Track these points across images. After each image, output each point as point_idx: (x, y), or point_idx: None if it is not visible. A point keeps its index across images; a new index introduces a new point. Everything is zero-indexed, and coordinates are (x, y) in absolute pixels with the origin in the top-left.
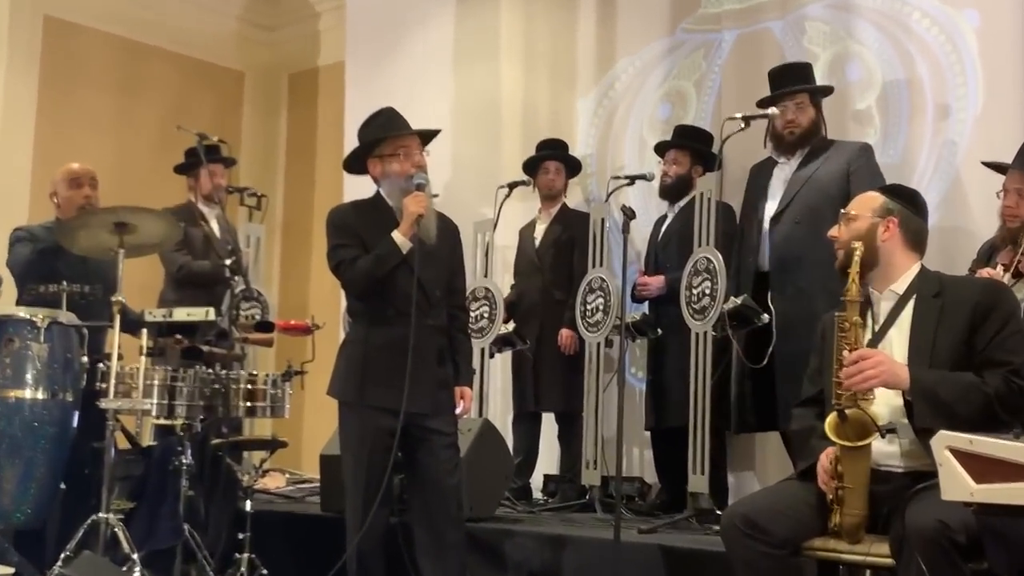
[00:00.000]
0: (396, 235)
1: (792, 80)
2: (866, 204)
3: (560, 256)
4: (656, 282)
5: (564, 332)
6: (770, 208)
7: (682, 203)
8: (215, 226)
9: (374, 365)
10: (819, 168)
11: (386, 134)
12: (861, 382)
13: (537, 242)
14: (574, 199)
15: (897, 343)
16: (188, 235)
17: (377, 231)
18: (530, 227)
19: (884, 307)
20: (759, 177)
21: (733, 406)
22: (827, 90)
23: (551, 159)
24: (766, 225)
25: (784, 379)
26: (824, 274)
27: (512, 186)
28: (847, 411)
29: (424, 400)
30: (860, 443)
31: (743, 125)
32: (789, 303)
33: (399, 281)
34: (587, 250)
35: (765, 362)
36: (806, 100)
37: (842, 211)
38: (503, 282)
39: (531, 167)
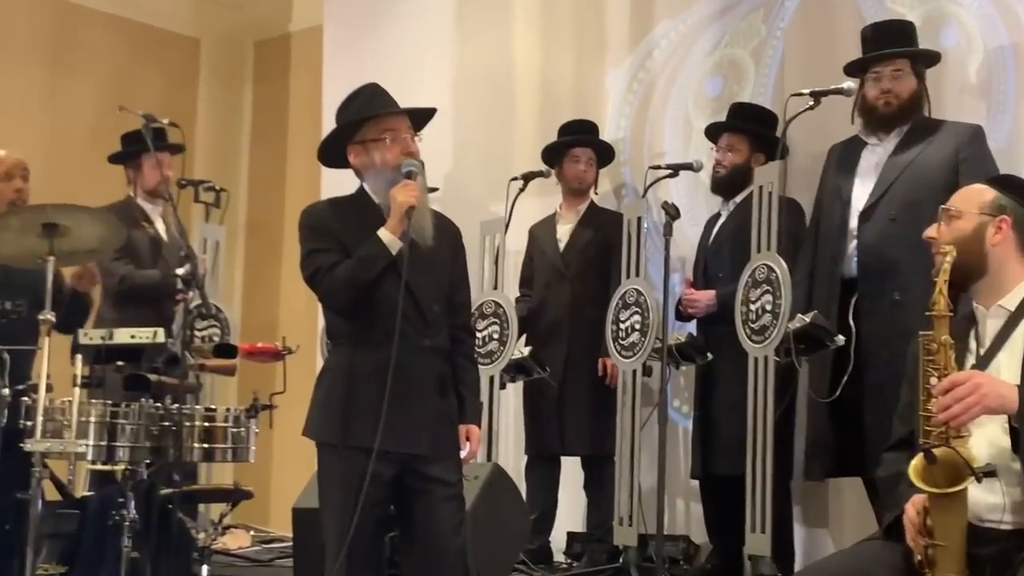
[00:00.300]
0: (383, 232)
1: (889, 42)
2: (972, 199)
3: (593, 263)
4: (705, 296)
5: (607, 362)
6: (858, 199)
7: (738, 199)
8: (162, 228)
9: (360, 398)
10: (921, 152)
11: (368, 114)
12: (960, 413)
13: (562, 245)
14: (601, 193)
15: (1007, 369)
16: (132, 239)
17: (361, 234)
18: (547, 227)
19: (991, 326)
20: (844, 161)
21: (806, 449)
22: (933, 56)
23: (581, 145)
24: (853, 222)
25: (873, 413)
26: (928, 284)
27: (527, 178)
28: (935, 451)
29: (421, 440)
30: (951, 490)
31: (812, 103)
32: (882, 320)
33: (389, 293)
34: (619, 256)
35: (838, 393)
36: (906, 67)
37: (942, 207)
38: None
39: (554, 155)
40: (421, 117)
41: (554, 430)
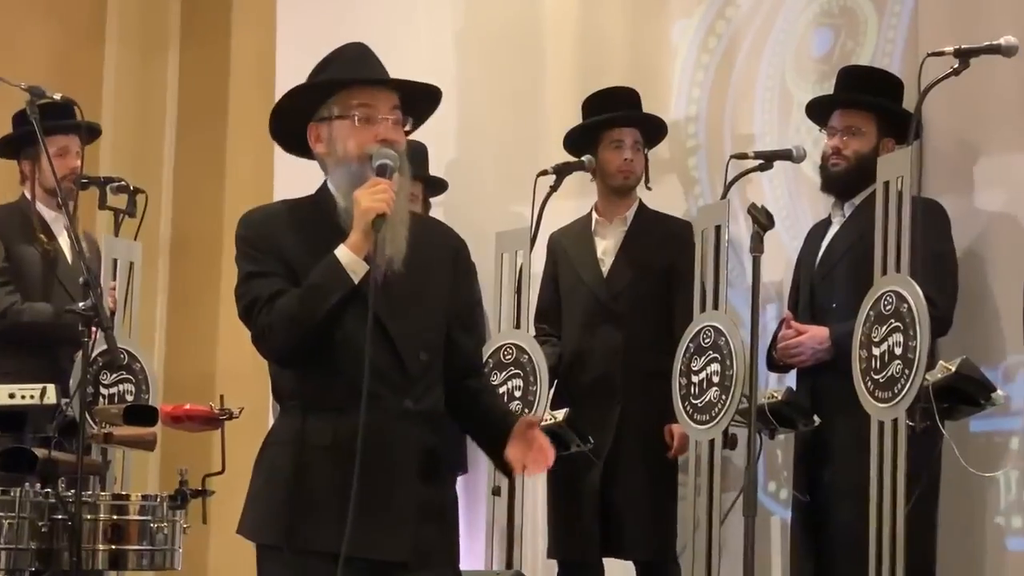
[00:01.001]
0: (342, 252)
1: None
2: None
3: (652, 294)
4: (812, 336)
5: (674, 429)
6: None
7: (857, 200)
8: (65, 244)
9: (314, 484)
10: None
11: (333, 79)
12: None
13: (605, 268)
14: (661, 194)
15: None
16: (19, 257)
17: (317, 251)
18: (581, 240)
19: None
20: None
21: None
22: None
23: (623, 124)
24: None
25: None
26: None
27: (562, 171)
28: None
29: (400, 542)
30: None
31: (957, 65)
32: None
33: (353, 336)
34: (690, 282)
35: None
36: None
37: None
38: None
39: (586, 139)
40: (416, 96)
41: (596, 526)
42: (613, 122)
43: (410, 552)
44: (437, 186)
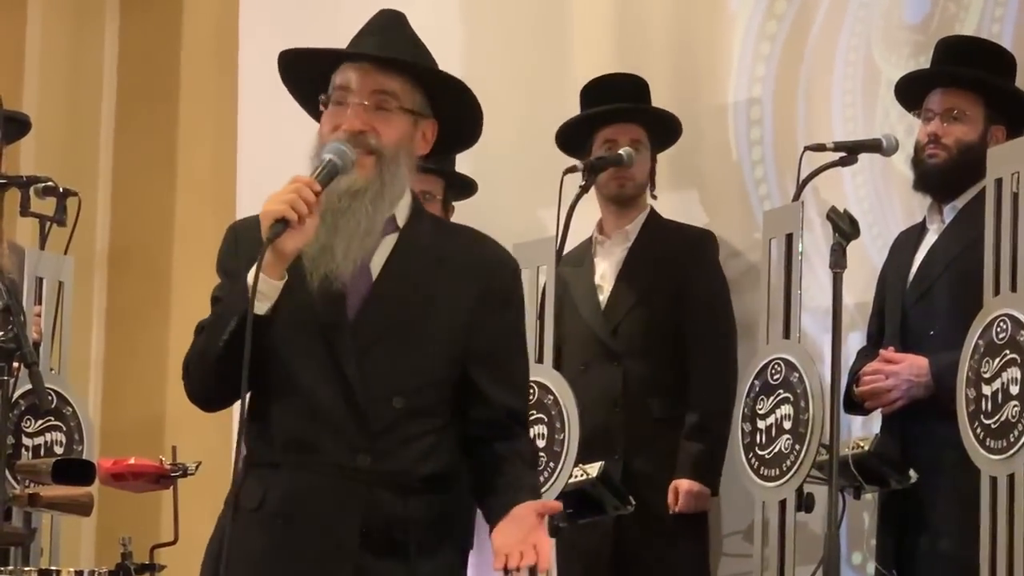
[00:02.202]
0: (263, 278)
1: None
2: None
3: (658, 322)
4: (908, 367)
5: (681, 486)
6: None
7: (960, 203)
8: None
9: (237, 553)
10: None
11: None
12: None
13: (603, 296)
14: (714, 197)
15: None
16: None
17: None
18: (580, 264)
19: None
20: None
21: None
22: None
23: (616, 120)
24: None
25: None
26: None
27: (594, 168)
28: None
29: None
30: None
31: None
32: None
33: (297, 372)
34: (717, 304)
35: None
36: None
37: None
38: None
39: (579, 137)
40: (435, 84)
41: None
42: (604, 118)
43: None
44: (464, 187)
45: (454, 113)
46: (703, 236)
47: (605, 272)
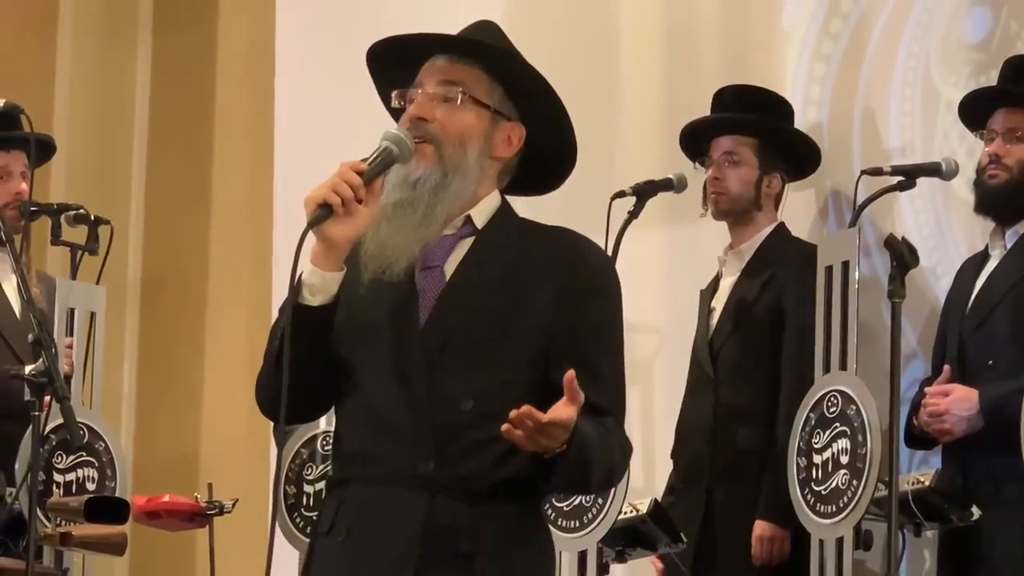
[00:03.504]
0: (306, 267)
1: None
2: None
3: (754, 348)
4: (957, 400)
5: (758, 527)
6: None
7: (1023, 227)
8: (10, 289)
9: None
10: None
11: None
12: None
13: (715, 319)
14: (799, 216)
15: None
16: None
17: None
18: (710, 289)
19: None
20: None
21: None
22: None
23: (724, 131)
24: None
25: None
26: None
27: (643, 192)
28: None
29: None
30: None
31: None
32: None
33: (366, 380)
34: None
35: None
36: None
37: None
38: (640, 408)
39: (694, 143)
40: (499, 66)
41: None
42: (718, 126)
43: None
44: None
45: (543, 119)
46: (810, 248)
47: (720, 297)
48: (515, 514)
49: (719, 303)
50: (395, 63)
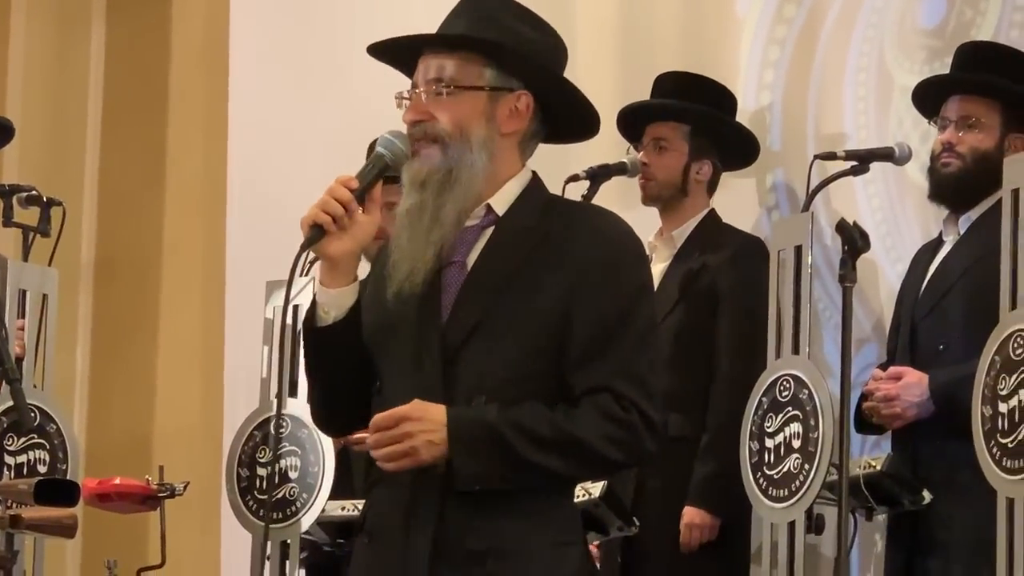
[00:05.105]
0: (318, 286)
1: None
2: None
3: (687, 334)
4: (907, 385)
5: (687, 514)
6: None
7: (974, 214)
8: None
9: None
10: None
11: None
12: None
13: None
14: (723, 207)
15: None
16: None
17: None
18: None
19: None
20: None
21: None
22: None
23: (663, 116)
24: None
25: None
26: None
27: (597, 176)
28: None
29: None
30: None
31: None
32: None
33: (390, 384)
34: (748, 318)
35: None
36: None
37: None
38: None
39: (633, 131)
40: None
41: None
42: (650, 111)
43: None
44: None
45: (546, 84)
46: (750, 244)
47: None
48: (533, 508)
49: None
50: (397, 60)
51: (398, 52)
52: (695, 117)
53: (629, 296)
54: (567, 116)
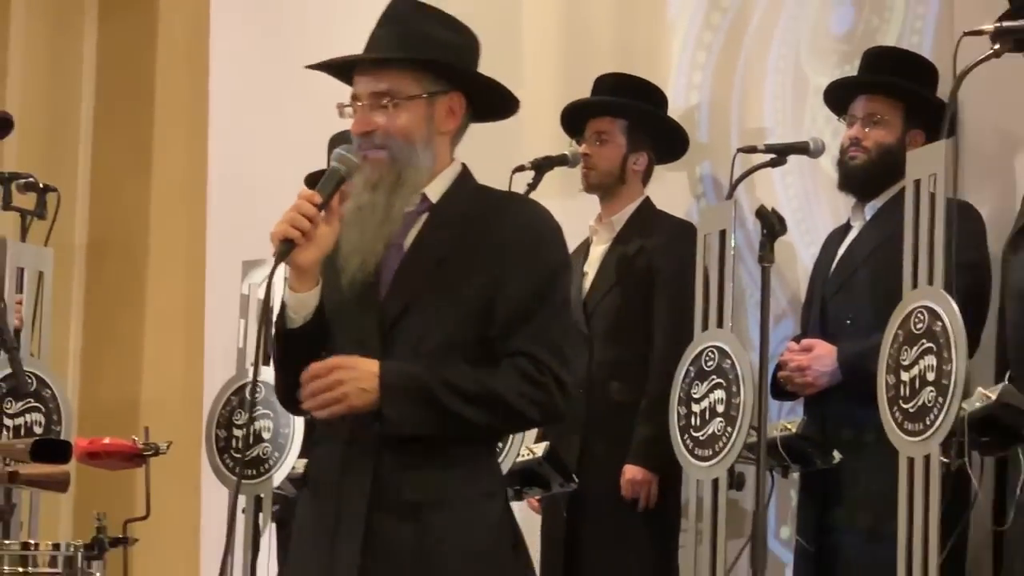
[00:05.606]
0: (287, 291)
1: None
2: None
3: (626, 309)
4: (817, 356)
5: (628, 471)
6: None
7: (880, 202)
8: None
9: (297, 524)
10: None
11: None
12: None
13: (587, 283)
14: (656, 195)
15: None
16: None
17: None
18: (579, 253)
19: None
20: None
21: None
22: None
23: (602, 112)
24: None
25: None
26: None
27: (541, 167)
28: None
29: None
30: None
31: (997, 46)
32: None
33: (343, 350)
34: (680, 295)
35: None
36: None
37: None
38: None
39: (574, 126)
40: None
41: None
42: (590, 109)
43: None
44: None
45: (474, 81)
46: (682, 229)
47: (593, 260)
48: (461, 463)
49: (591, 268)
50: (334, 70)
51: (336, 69)
52: (632, 113)
53: (547, 274)
54: (491, 103)
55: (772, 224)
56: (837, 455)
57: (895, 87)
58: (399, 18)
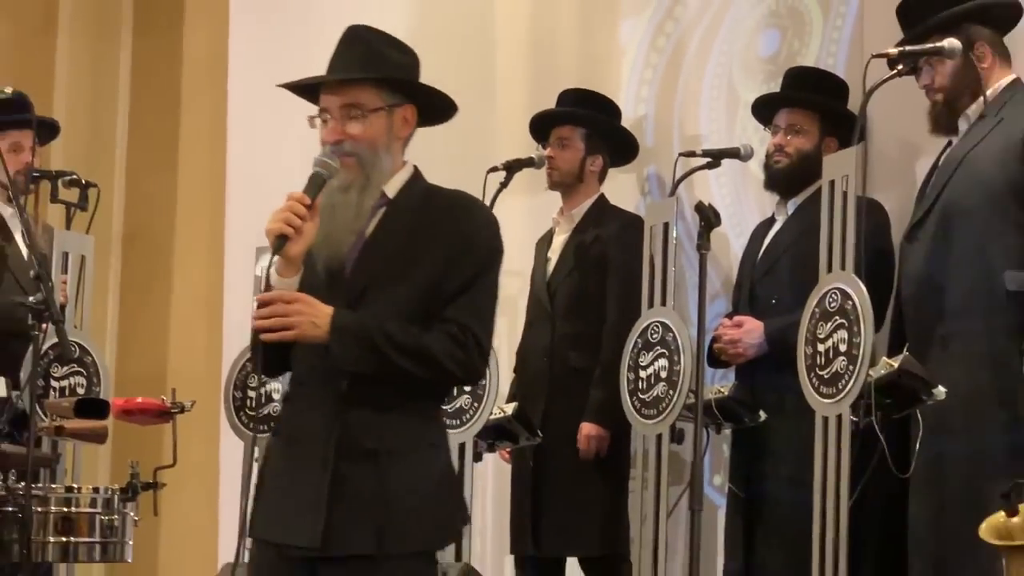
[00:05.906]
0: (274, 276)
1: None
2: None
3: (583, 290)
4: (747, 331)
5: (584, 428)
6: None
7: (800, 199)
8: (19, 238)
9: (266, 473)
10: (981, 143)
11: (300, 85)
12: None
13: (551, 267)
14: (610, 193)
15: None
16: None
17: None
18: (544, 241)
19: None
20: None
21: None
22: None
23: (564, 121)
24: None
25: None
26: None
27: (511, 168)
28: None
29: (302, 526)
30: None
31: (901, 67)
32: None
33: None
34: (630, 278)
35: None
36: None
37: None
38: (508, 333)
39: (541, 133)
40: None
41: (529, 523)
42: (555, 118)
43: (315, 538)
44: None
45: (421, 93)
46: (631, 221)
47: (556, 247)
48: (412, 418)
49: (554, 254)
50: (300, 90)
51: (306, 85)
52: (590, 122)
53: (484, 260)
54: (437, 110)
55: (708, 217)
56: (763, 414)
57: (813, 102)
58: (358, 41)
